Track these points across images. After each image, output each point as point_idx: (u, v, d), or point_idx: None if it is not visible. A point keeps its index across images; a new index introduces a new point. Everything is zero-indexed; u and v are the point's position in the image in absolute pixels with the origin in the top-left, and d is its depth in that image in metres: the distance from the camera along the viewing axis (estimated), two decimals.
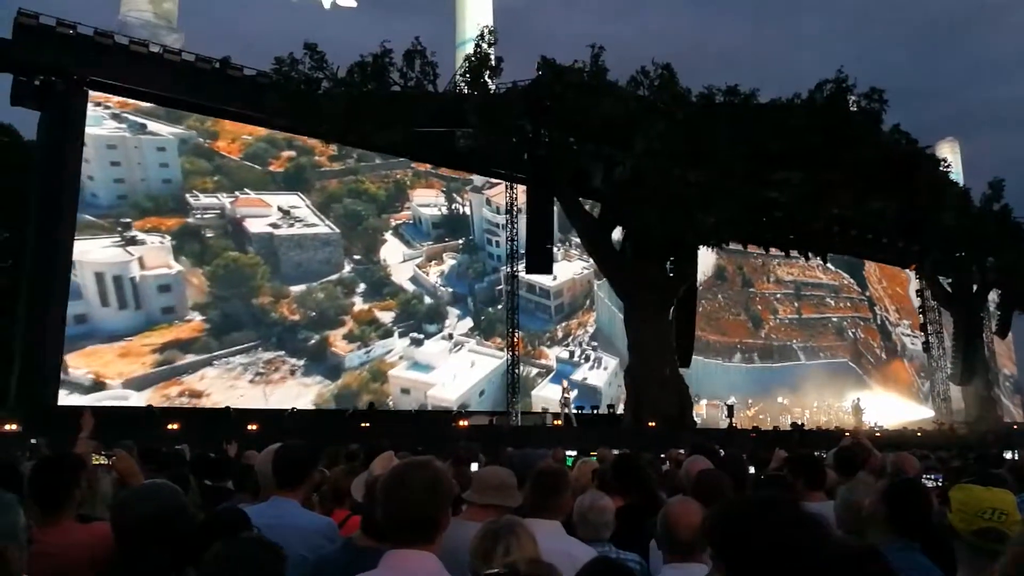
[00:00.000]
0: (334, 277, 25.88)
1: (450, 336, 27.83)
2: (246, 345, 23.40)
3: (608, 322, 31.27)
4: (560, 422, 23.60)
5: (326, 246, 26.06)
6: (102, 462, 4.65)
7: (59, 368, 19.19)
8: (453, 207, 29.84)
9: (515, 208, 26.61)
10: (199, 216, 23.42)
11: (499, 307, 28.87)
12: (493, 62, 21.60)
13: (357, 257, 26.59)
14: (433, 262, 28.59)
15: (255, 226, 24.56)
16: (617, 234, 24.01)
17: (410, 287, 27.63)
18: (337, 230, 26.27)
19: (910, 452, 7.49)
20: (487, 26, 23.31)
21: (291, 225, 25.31)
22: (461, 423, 20.41)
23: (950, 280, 35.06)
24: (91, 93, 20.91)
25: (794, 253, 36.13)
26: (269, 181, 25.16)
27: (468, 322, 28.58)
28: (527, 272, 24.83)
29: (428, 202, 29.19)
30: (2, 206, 25.06)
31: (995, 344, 39.97)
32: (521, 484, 3.28)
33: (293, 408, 21.71)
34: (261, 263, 24.37)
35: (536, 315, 30.07)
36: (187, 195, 23.18)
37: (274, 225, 24.91)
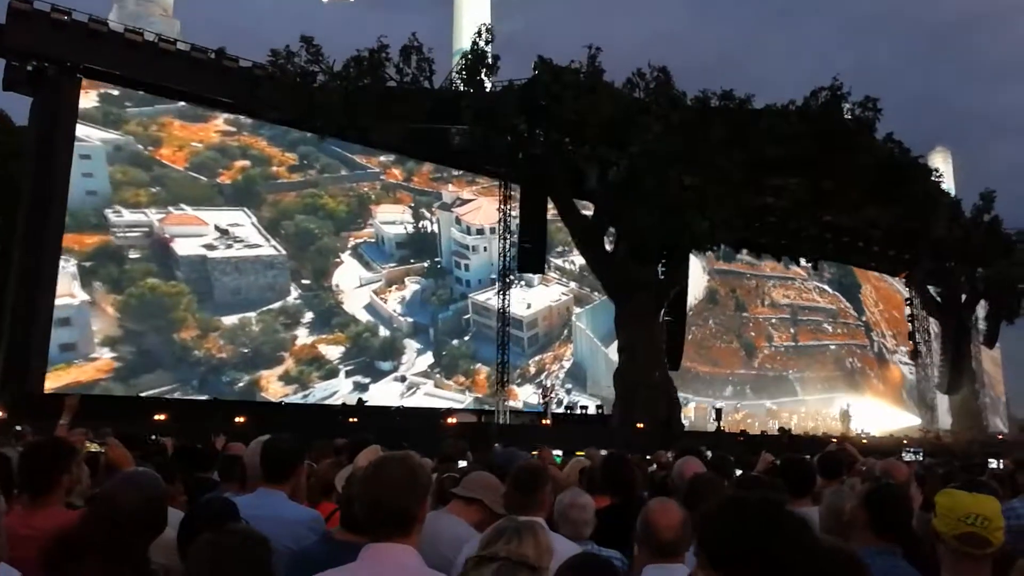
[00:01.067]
0: (276, 305, 23.34)
1: (403, 378, 25.23)
2: (159, 389, 20.54)
3: (588, 355, 29.57)
4: (547, 420, 23.63)
5: (269, 269, 23.57)
6: (94, 449, 4.64)
7: (46, 355, 19.07)
8: (420, 225, 27.28)
9: (507, 214, 25.42)
10: (121, 235, 21.03)
11: (466, 338, 26.85)
12: (490, 60, 21.60)
13: (306, 282, 24.22)
14: (394, 287, 26.13)
15: (185, 247, 22.05)
16: (610, 236, 24.04)
17: (364, 317, 25.12)
18: (283, 252, 23.85)
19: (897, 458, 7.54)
20: (484, 24, 23.30)
21: (229, 246, 22.79)
22: (449, 420, 20.40)
23: (939, 289, 35.27)
24: (84, 80, 20.78)
25: (789, 272, 36.11)
26: (214, 194, 23.04)
27: (428, 358, 26.14)
28: (520, 271, 24.70)
29: (393, 219, 26.69)
30: None
31: (982, 354, 40.22)
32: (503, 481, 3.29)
33: (283, 401, 21.68)
34: (187, 291, 21.78)
35: (508, 347, 26.29)
36: (107, 210, 20.82)
37: (209, 246, 22.43)
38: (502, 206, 26.00)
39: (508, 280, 25.75)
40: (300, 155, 25.15)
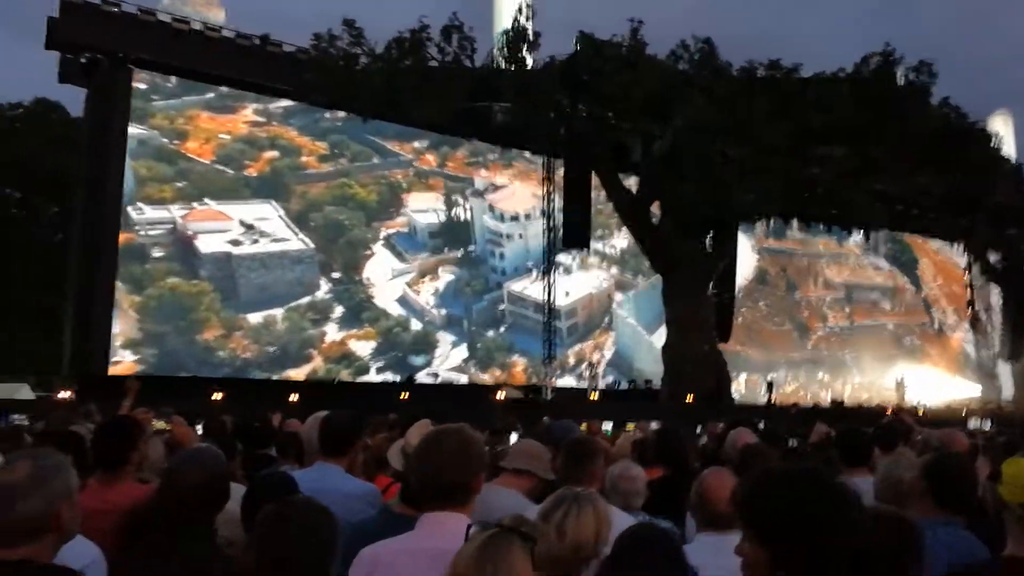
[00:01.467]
0: (304, 301, 22.83)
1: (435, 375, 24.61)
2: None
3: (630, 343, 28.68)
4: (595, 395, 23.63)
5: (297, 264, 23.00)
6: (161, 426, 4.80)
7: (109, 338, 19.63)
8: (453, 213, 26.53)
9: (552, 192, 24.94)
10: (143, 233, 20.69)
11: (501, 329, 26.23)
12: (531, 36, 21.43)
13: (336, 275, 23.61)
14: (427, 278, 25.39)
15: (209, 244, 21.56)
16: (655, 209, 23.79)
17: (396, 310, 24.49)
18: (312, 245, 23.29)
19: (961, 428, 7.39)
20: (525, 1, 23.11)
21: (255, 241, 22.29)
22: (499, 396, 20.55)
23: (999, 256, 34.16)
24: (134, 71, 21.21)
25: (843, 248, 34.77)
26: (241, 187, 22.64)
27: (462, 351, 25.58)
28: (564, 246, 24.52)
29: (426, 207, 25.95)
30: (51, 182, 25.78)
31: None
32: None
33: (336, 379, 22.06)
34: (209, 290, 21.33)
35: (552, 325, 26.05)
36: (129, 207, 20.43)
37: (234, 242, 21.91)
38: (545, 185, 25.78)
39: (552, 260, 25.44)
40: (330, 144, 24.53)
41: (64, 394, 15.18)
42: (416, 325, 24.98)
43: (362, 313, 23.91)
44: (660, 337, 25.13)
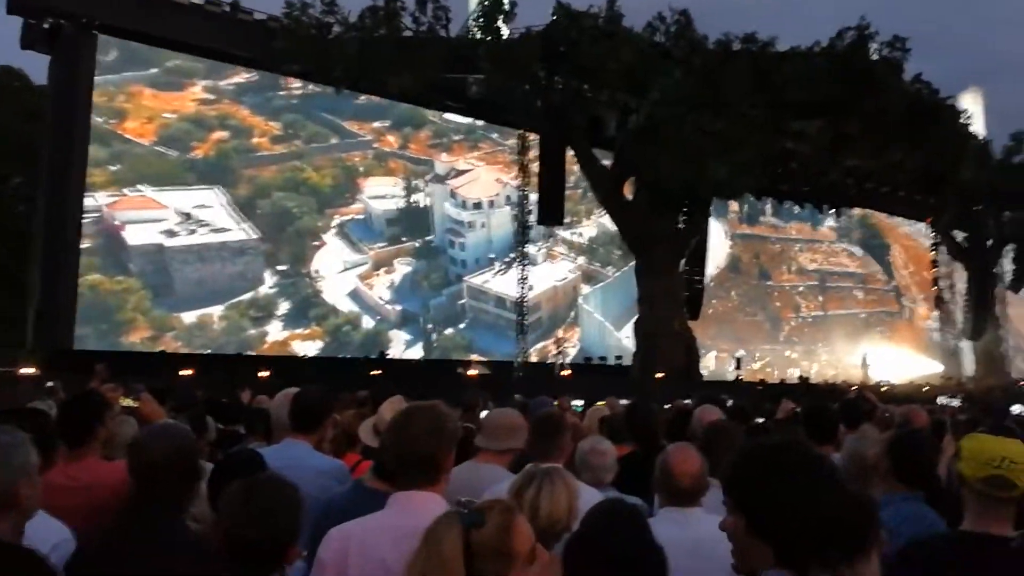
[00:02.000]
0: (246, 297, 21.27)
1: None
2: None
3: (596, 340, 27.67)
4: (567, 372, 23.78)
5: (240, 256, 21.42)
6: (128, 403, 4.75)
7: (74, 312, 19.32)
8: (412, 199, 25.10)
9: (527, 166, 23.95)
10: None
11: (460, 326, 24.85)
12: (507, 6, 21.20)
13: (282, 268, 22.12)
14: (382, 270, 23.90)
15: (139, 235, 19.90)
16: (630, 185, 23.82)
17: (346, 306, 22.95)
18: (257, 235, 21.67)
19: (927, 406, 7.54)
20: None
21: (192, 231, 20.67)
22: (470, 372, 20.60)
23: (966, 234, 34.73)
24: (100, 37, 20.67)
25: (816, 233, 34.78)
26: (184, 170, 21.11)
27: (417, 350, 24.15)
28: (539, 223, 24.44)
29: (384, 192, 24.46)
30: (15, 151, 25.10)
31: (1007, 299, 39.73)
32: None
33: (305, 355, 21.93)
34: (137, 287, 19.66)
35: (505, 333, 24.69)
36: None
37: (168, 232, 20.29)
38: (521, 159, 25.30)
39: (524, 239, 24.36)
40: (285, 124, 23.15)
41: (28, 370, 14.93)
42: (368, 323, 23.54)
43: (309, 310, 22.48)
44: (628, 334, 24.59)
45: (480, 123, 27.44)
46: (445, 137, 26.70)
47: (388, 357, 22.53)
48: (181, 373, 15.80)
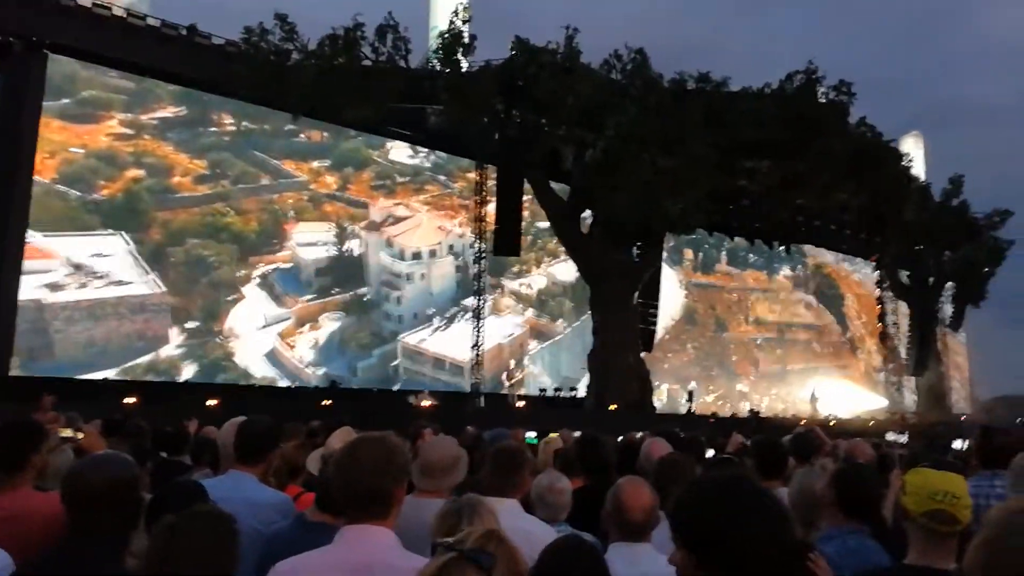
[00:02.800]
0: (144, 360, 19.10)
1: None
2: None
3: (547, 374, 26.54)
4: (522, 403, 23.70)
5: (140, 313, 19.23)
6: (69, 434, 4.58)
7: (12, 339, 18.64)
8: (345, 248, 23.20)
9: (484, 200, 23.37)
10: None
11: (394, 389, 22.73)
12: (466, 40, 21.42)
13: (191, 325, 20.11)
14: (306, 327, 21.92)
15: (20, 291, 17.63)
16: (586, 218, 24.07)
17: (261, 370, 20.97)
18: (163, 287, 19.67)
19: (873, 440, 7.67)
20: (461, 3, 23.09)
21: (83, 285, 18.50)
22: (423, 403, 20.39)
23: (908, 272, 35.78)
24: (51, 56, 20.27)
25: (772, 283, 34.93)
26: (84, 213, 19.07)
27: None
28: (495, 254, 24.41)
29: (315, 239, 22.66)
30: None
31: (947, 337, 40.92)
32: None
33: (254, 384, 21.47)
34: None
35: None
36: None
37: (53, 287, 18.08)
38: (476, 196, 25.05)
39: (480, 285, 23.10)
40: (211, 162, 21.41)
41: None
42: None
43: (217, 374, 20.39)
44: (583, 365, 24.06)
45: (427, 164, 26.67)
46: (389, 179, 25.37)
47: (340, 387, 22.21)
48: (125, 401, 15.33)
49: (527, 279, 27.81)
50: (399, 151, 26.49)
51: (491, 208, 23.48)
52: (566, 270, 28.28)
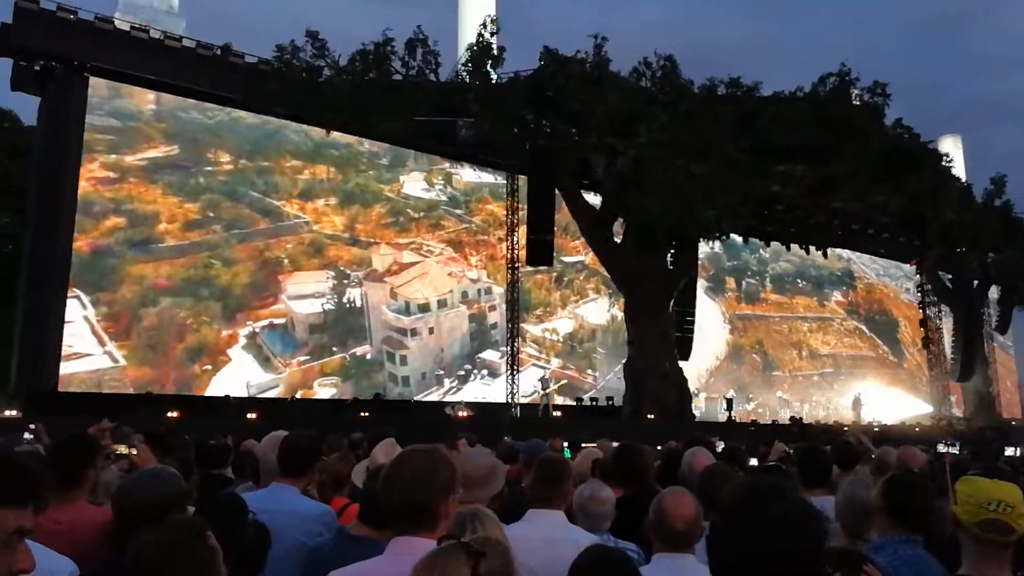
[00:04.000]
0: None
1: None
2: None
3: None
4: (558, 413, 23.59)
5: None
6: (123, 451, 4.67)
7: (59, 353, 19.08)
8: (346, 299, 21.27)
9: (516, 211, 22.97)
10: None
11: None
12: (495, 51, 21.53)
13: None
14: (299, 393, 20.11)
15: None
16: (618, 226, 23.97)
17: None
18: (123, 361, 18.36)
19: (922, 447, 7.51)
20: (489, 15, 23.21)
21: None
22: (460, 414, 20.40)
23: (951, 276, 35.03)
24: (91, 79, 20.81)
25: (825, 309, 33.40)
26: None
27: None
28: (527, 263, 24.46)
29: (310, 290, 20.72)
30: (2, 191, 25.06)
31: (995, 340, 39.97)
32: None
33: (293, 397, 21.69)
34: None
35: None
36: None
37: None
38: (509, 202, 25.22)
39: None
40: (204, 205, 19.80)
41: (10, 412, 14.69)
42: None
43: None
44: (619, 375, 23.30)
45: (443, 198, 25.29)
46: (402, 215, 23.66)
47: (383, 399, 22.27)
48: (168, 415, 15.58)
49: (552, 322, 25.60)
50: (413, 184, 25.05)
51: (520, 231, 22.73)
52: (596, 311, 26.34)
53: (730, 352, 30.02)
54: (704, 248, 24.82)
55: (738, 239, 28.76)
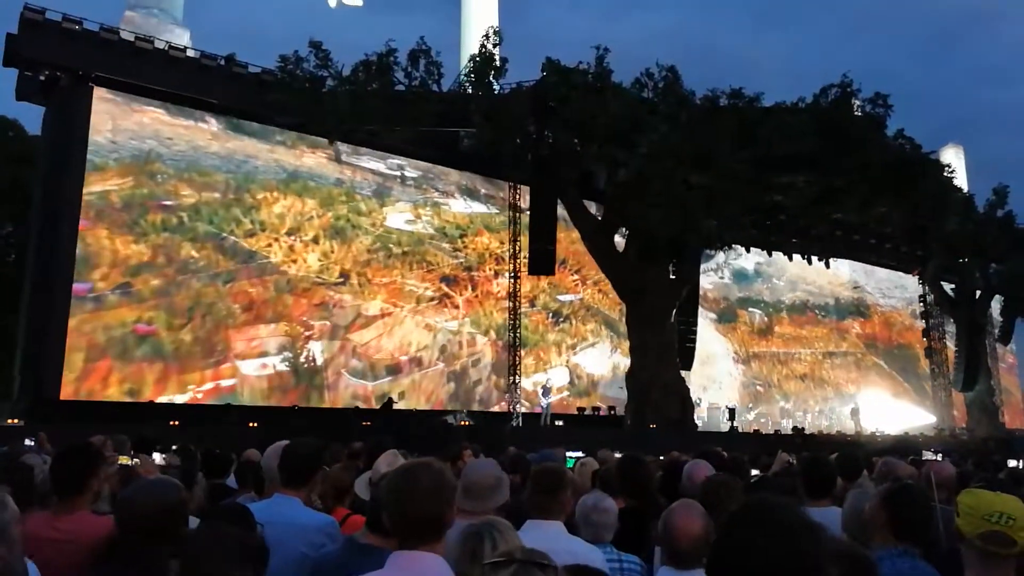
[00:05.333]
0: None
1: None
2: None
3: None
4: (560, 422, 23.55)
5: None
6: (127, 461, 4.67)
7: (62, 362, 19.11)
8: (304, 358, 20.74)
9: (517, 219, 23.74)
10: None
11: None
12: (498, 62, 21.62)
13: None
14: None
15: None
16: (620, 236, 23.99)
17: None
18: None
19: (912, 457, 7.49)
20: (492, 26, 23.32)
21: None
22: (461, 423, 20.36)
23: (953, 286, 34.97)
24: (96, 89, 20.91)
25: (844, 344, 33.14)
26: None
27: None
28: (530, 273, 24.45)
29: (266, 347, 19.37)
30: (6, 200, 25.16)
31: (997, 351, 39.84)
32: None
33: (296, 406, 21.67)
34: None
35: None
36: None
37: None
38: (511, 212, 25.25)
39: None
40: (153, 248, 18.10)
41: (13, 421, 14.70)
42: None
43: None
44: (621, 384, 23.41)
45: (429, 231, 24.56)
46: (383, 250, 22.72)
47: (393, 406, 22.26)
48: (170, 423, 15.58)
49: (547, 374, 25.03)
50: (396, 217, 24.07)
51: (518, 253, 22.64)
52: (597, 358, 25.48)
53: (746, 394, 30.13)
54: (713, 278, 24.58)
55: (748, 266, 28.65)
